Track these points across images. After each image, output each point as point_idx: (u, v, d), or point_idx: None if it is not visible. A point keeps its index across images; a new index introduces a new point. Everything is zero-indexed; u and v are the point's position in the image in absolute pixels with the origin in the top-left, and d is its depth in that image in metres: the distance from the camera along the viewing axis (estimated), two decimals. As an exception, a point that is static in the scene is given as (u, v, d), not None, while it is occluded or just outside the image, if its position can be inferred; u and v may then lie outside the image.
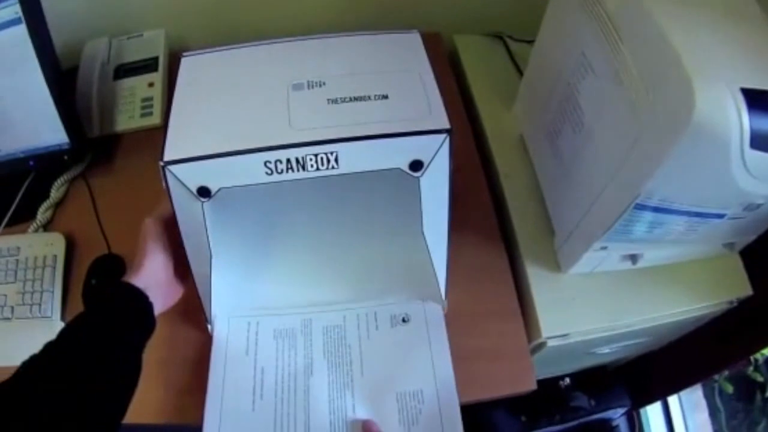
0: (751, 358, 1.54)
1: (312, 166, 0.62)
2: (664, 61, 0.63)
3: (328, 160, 0.62)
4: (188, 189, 0.64)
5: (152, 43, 1.18)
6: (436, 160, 0.65)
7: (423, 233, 0.75)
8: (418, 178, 0.67)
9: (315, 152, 0.61)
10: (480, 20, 1.24)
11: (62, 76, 0.97)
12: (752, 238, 0.89)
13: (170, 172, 0.62)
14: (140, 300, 0.69)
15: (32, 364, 0.61)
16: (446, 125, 0.63)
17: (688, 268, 0.93)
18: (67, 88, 1.00)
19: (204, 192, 0.64)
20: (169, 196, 0.65)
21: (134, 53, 1.17)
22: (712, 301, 0.93)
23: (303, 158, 0.62)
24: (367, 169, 0.65)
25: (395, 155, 0.64)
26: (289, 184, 0.66)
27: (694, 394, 1.58)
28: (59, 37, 0.94)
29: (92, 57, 1.12)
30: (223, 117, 0.66)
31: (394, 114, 0.64)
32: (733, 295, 0.93)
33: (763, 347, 1.09)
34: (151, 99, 1.12)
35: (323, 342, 0.84)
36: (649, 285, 0.92)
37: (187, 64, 0.74)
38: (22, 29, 0.88)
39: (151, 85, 1.13)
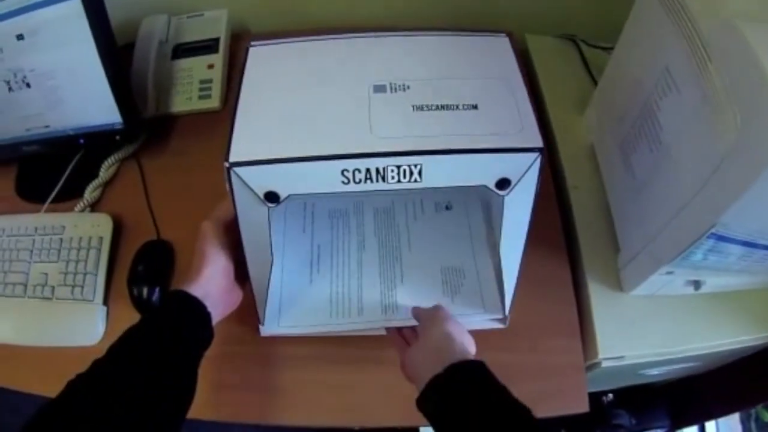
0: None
1: (393, 178, 0.57)
2: (757, 87, 0.59)
3: (411, 173, 0.56)
4: (255, 193, 0.58)
5: (213, 24, 1.15)
6: (524, 179, 0.60)
7: (499, 253, 0.72)
8: (503, 196, 0.61)
9: (398, 164, 0.56)
10: (553, 21, 1.20)
11: (118, 54, 0.94)
12: None
13: (236, 174, 0.56)
14: (198, 311, 0.67)
15: (80, 383, 0.58)
16: (539, 143, 0.58)
17: (748, 297, 0.90)
18: (123, 65, 0.97)
19: (272, 197, 0.59)
20: (233, 199, 0.60)
21: (194, 33, 1.14)
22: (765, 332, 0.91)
23: (384, 169, 0.56)
24: (451, 185, 0.60)
25: (483, 172, 0.59)
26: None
27: (731, 419, 1.55)
28: (116, 12, 0.91)
29: (150, 34, 1.08)
30: (297, 116, 0.60)
31: (483, 127, 0.59)
32: None
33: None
34: (210, 81, 1.09)
35: (374, 221, 0.89)
36: (708, 312, 0.89)
37: (255, 54, 0.68)
38: (76, 4, 0.86)
39: (210, 66, 1.10)
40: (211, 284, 0.69)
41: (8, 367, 0.85)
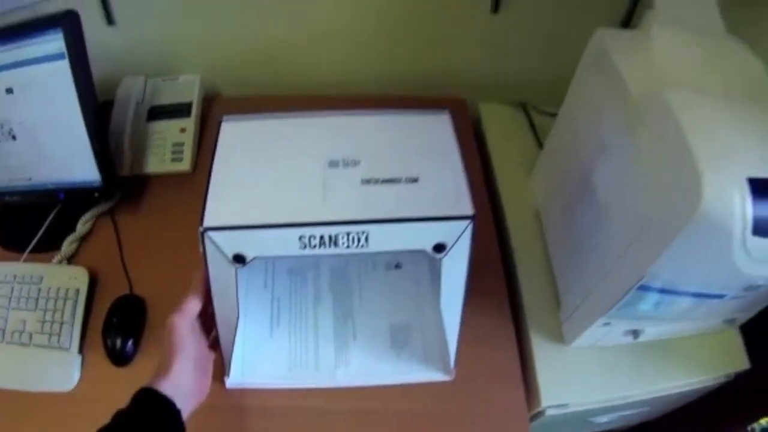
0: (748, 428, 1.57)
1: (344, 243, 0.68)
2: (677, 150, 0.67)
3: (359, 239, 0.68)
4: (225, 255, 0.69)
5: (187, 88, 1.25)
6: (458, 243, 0.71)
7: (440, 309, 0.82)
8: (440, 259, 0.73)
9: (347, 231, 0.67)
10: (507, 89, 1.32)
11: (99, 115, 1.02)
12: (752, 314, 0.94)
13: (209, 238, 0.68)
14: (167, 410, 0.70)
15: None
16: (470, 212, 0.70)
17: (688, 342, 0.98)
18: (103, 125, 1.06)
19: (239, 259, 0.70)
20: (205, 260, 0.71)
21: (168, 96, 1.24)
22: (710, 374, 0.98)
23: (336, 236, 0.68)
24: (394, 249, 0.71)
25: (421, 238, 0.70)
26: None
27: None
28: (96, 69, 1.00)
29: (127, 95, 1.19)
30: (262, 188, 0.72)
31: (422, 198, 0.71)
32: (731, 369, 0.98)
33: (759, 418, 1.12)
34: (182, 145, 1.18)
35: (330, 279, 1.00)
36: (649, 359, 0.97)
37: (227, 128, 0.80)
38: (64, 64, 0.95)
39: (182, 130, 1.20)
40: (182, 378, 0.74)
41: None
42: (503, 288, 1.04)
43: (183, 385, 0.73)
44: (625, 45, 0.85)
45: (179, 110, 1.22)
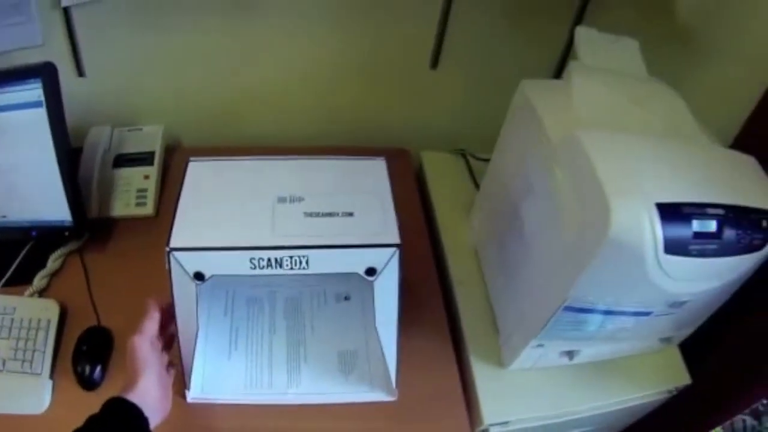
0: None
1: (287, 265, 0.83)
2: (589, 183, 0.77)
3: (300, 262, 0.83)
4: (186, 272, 0.83)
5: (150, 138, 1.38)
6: (387, 268, 0.85)
7: (376, 328, 0.94)
8: (372, 282, 0.87)
9: (290, 255, 0.82)
10: (446, 138, 1.46)
11: (72, 160, 1.11)
12: (688, 332, 1.04)
13: (174, 257, 0.82)
14: (136, 415, 0.79)
15: None
16: (397, 240, 0.85)
17: (629, 361, 1.07)
18: (75, 169, 1.16)
19: (199, 276, 0.84)
20: (169, 277, 0.84)
21: (133, 145, 1.37)
22: (651, 390, 1.07)
23: (281, 259, 0.82)
24: (331, 272, 0.85)
25: (354, 262, 0.85)
26: (269, 278, 0.94)
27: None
28: (67, 119, 1.08)
29: (95, 143, 1.31)
30: (220, 217, 0.87)
31: (356, 229, 0.86)
32: (672, 385, 1.07)
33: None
34: (145, 190, 1.30)
35: (284, 308, 1.12)
36: (589, 377, 1.06)
37: (193, 167, 0.95)
38: (42, 112, 1.04)
39: (146, 177, 1.32)
40: (147, 394, 0.82)
41: None
42: (443, 317, 1.16)
43: (149, 399, 0.82)
44: (547, 93, 0.98)
45: (143, 158, 1.34)
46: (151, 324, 0.88)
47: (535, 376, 1.06)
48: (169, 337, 0.95)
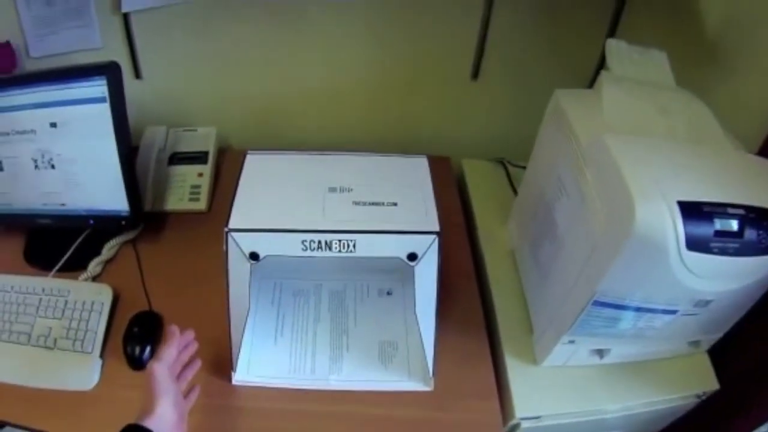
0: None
1: (336, 248, 0.91)
2: (615, 184, 0.82)
3: (348, 245, 0.91)
4: (243, 252, 0.91)
5: (204, 139, 1.47)
6: (427, 253, 0.93)
7: (416, 317, 1.00)
8: (413, 267, 0.94)
9: (339, 238, 0.90)
10: (486, 147, 1.53)
11: (132, 153, 1.20)
12: (716, 337, 1.06)
13: (231, 237, 0.90)
14: None
15: None
16: (437, 228, 0.92)
17: (658, 364, 1.09)
18: (132, 161, 1.22)
19: (254, 256, 0.92)
20: (226, 257, 0.92)
21: (188, 144, 1.46)
22: (679, 393, 1.08)
23: (330, 241, 0.90)
24: (376, 255, 0.92)
25: (397, 247, 0.93)
26: (315, 271, 1.05)
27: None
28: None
29: (151, 142, 1.40)
30: (275, 203, 0.96)
31: (399, 217, 0.94)
32: (701, 389, 1.09)
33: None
34: (199, 187, 1.40)
35: (329, 301, 1.19)
36: (619, 378, 1.08)
37: (250, 159, 1.04)
38: (105, 107, 1.13)
39: (200, 175, 1.41)
40: (163, 420, 0.85)
41: (10, 405, 1.03)
42: (480, 314, 1.21)
43: (164, 424, 0.85)
44: (579, 102, 1.04)
45: (197, 157, 1.44)
46: (171, 351, 0.92)
47: (567, 374, 1.09)
48: (184, 366, 1.00)
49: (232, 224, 0.91)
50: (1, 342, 1.11)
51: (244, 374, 1.07)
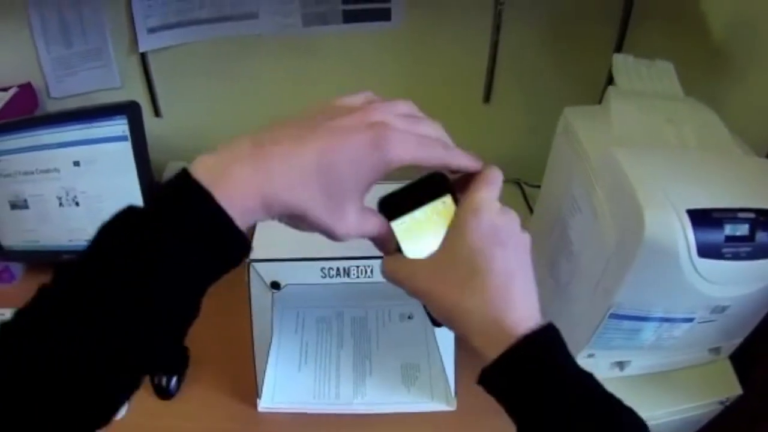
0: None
1: (354, 274, 0.92)
2: (625, 196, 0.81)
3: (366, 271, 0.92)
4: (264, 281, 0.93)
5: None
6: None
7: (436, 341, 1.02)
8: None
9: (357, 264, 0.91)
10: (501, 168, 1.49)
11: (154, 189, 1.16)
12: (737, 342, 1.05)
13: (253, 267, 0.92)
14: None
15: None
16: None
17: (680, 373, 1.08)
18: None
19: (275, 285, 0.93)
20: (248, 287, 0.94)
21: (210, 180, 1.47)
22: (703, 401, 1.07)
23: (348, 268, 0.92)
24: None
25: None
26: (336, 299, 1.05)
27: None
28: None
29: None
30: (294, 231, 0.95)
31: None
32: (724, 395, 1.07)
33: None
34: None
35: (351, 326, 1.19)
36: (640, 389, 1.06)
37: None
38: (127, 145, 1.15)
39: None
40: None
41: None
42: None
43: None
44: (588, 118, 1.04)
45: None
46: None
47: None
48: None
49: (253, 254, 0.92)
50: None
51: (269, 401, 1.08)
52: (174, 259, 0.45)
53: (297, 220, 0.54)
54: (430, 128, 0.58)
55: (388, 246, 0.59)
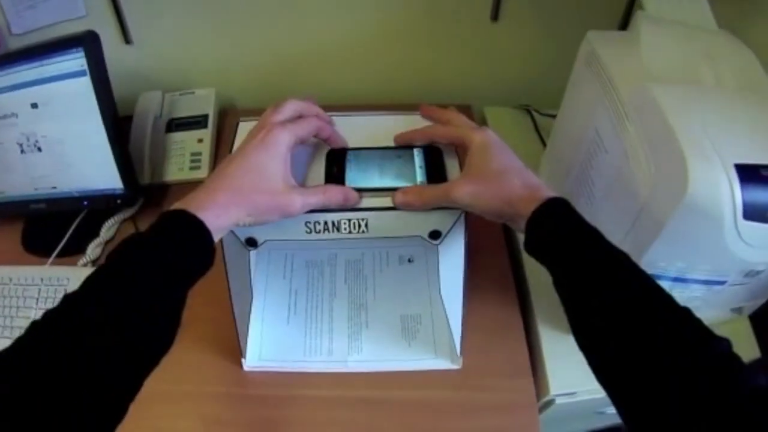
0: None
1: (345, 229, 0.78)
2: (664, 141, 0.73)
3: (359, 225, 0.78)
4: (238, 239, 0.80)
5: (203, 101, 1.37)
6: (453, 231, 0.80)
7: (440, 295, 0.91)
8: (437, 246, 0.82)
9: (348, 217, 0.77)
10: (510, 93, 1.43)
11: (121, 127, 1.12)
12: (760, 302, 0.95)
13: None
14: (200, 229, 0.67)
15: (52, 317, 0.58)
16: (464, 202, 0.79)
17: None
18: (123, 135, 1.15)
19: (251, 242, 0.80)
20: (221, 245, 0.81)
21: (186, 109, 1.36)
22: None
23: (338, 222, 0.77)
24: (392, 236, 0.80)
25: (417, 225, 0.79)
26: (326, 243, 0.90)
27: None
28: (116, 87, 1.10)
29: (146, 109, 1.30)
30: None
31: (418, 188, 0.81)
32: (742, 358, 1.02)
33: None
34: (199, 154, 1.30)
35: (345, 271, 1.09)
36: None
37: (244, 128, 0.89)
38: (86, 81, 1.06)
39: (200, 140, 1.31)
40: (234, 217, 0.71)
41: None
42: (512, 285, 1.11)
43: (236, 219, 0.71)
44: (614, 45, 0.93)
45: (196, 122, 1.34)
46: (307, 131, 0.80)
47: None
48: None
49: None
50: (4, 339, 1.05)
51: (255, 360, 0.99)
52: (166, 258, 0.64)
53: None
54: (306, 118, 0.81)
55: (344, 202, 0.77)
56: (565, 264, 0.69)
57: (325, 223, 0.78)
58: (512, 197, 0.72)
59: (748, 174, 0.69)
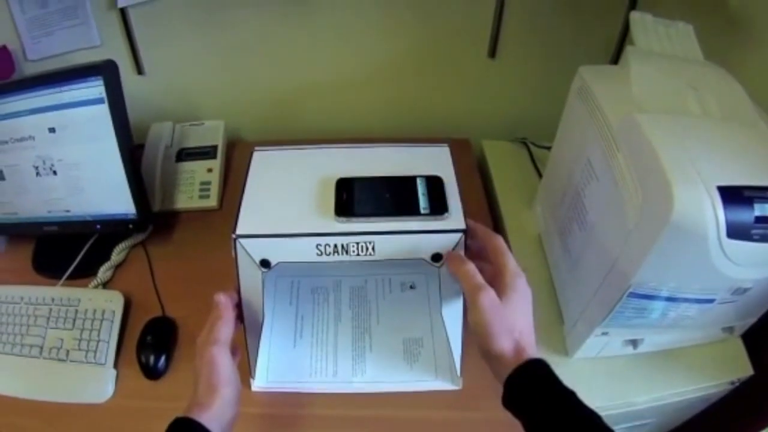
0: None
1: (353, 251, 0.82)
2: (650, 167, 0.77)
3: (366, 248, 0.82)
4: (253, 260, 0.84)
5: (212, 132, 1.41)
6: (454, 254, 0.84)
7: (442, 317, 0.94)
8: (438, 268, 0.86)
9: (356, 241, 0.82)
10: (507, 127, 1.47)
11: (135, 154, 1.14)
12: (751, 322, 1.01)
13: (240, 244, 0.83)
14: None
15: None
16: (462, 226, 0.83)
17: (691, 351, 1.05)
18: (136, 162, 1.18)
19: (265, 263, 0.84)
20: (236, 264, 0.85)
21: (195, 139, 1.40)
22: (714, 381, 1.04)
23: (347, 245, 0.82)
24: (397, 258, 0.84)
25: (420, 248, 0.84)
26: (334, 267, 0.94)
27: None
28: (129, 115, 1.11)
29: (157, 138, 1.34)
30: (286, 204, 0.87)
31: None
32: (735, 376, 1.05)
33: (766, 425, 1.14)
34: (209, 183, 1.34)
35: (349, 297, 1.11)
36: (653, 368, 1.04)
37: (257, 157, 0.96)
38: (104, 108, 1.08)
39: (209, 170, 1.35)
40: (225, 416, 0.75)
41: (25, 419, 1.00)
42: None
43: (225, 420, 0.75)
44: (605, 79, 0.98)
45: (206, 152, 1.38)
46: (227, 329, 0.82)
47: (599, 365, 1.05)
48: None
49: (239, 230, 0.83)
50: (14, 356, 1.07)
51: (263, 380, 1.02)
52: None
53: None
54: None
55: None
56: (538, 424, 0.72)
57: (335, 246, 0.82)
58: (504, 351, 0.76)
59: (731, 195, 0.73)
